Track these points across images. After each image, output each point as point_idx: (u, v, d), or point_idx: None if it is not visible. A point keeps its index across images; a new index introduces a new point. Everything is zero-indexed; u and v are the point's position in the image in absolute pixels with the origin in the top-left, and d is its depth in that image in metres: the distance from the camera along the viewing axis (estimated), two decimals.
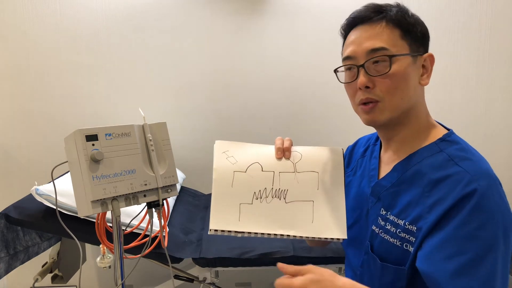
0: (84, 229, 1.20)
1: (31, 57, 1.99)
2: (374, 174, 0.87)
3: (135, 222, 0.96)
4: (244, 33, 2.03)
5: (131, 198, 0.73)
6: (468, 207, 0.66)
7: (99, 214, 0.83)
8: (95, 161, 0.68)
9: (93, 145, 0.69)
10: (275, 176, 0.85)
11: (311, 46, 2.03)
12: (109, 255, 1.43)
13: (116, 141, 0.71)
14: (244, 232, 0.80)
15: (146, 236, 0.94)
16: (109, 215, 0.75)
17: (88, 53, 2.01)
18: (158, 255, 1.33)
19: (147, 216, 0.80)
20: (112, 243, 0.79)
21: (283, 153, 0.87)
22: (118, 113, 2.06)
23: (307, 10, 2.01)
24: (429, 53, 0.79)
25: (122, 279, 0.79)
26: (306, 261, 1.43)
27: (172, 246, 1.43)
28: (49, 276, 1.47)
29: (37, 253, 1.53)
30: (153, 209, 0.78)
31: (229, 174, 0.85)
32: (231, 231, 0.80)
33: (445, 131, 0.81)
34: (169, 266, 0.86)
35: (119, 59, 2.02)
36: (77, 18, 1.97)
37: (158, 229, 0.81)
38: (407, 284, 0.75)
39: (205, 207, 1.89)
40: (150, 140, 0.76)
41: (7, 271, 1.39)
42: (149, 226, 0.81)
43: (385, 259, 0.78)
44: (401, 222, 0.75)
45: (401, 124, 0.80)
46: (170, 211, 1.60)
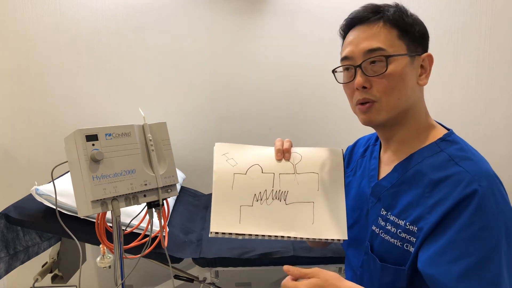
0: (84, 229, 1.20)
1: (31, 57, 1.99)
2: (374, 174, 0.87)
3: (135, 222, 0.96)
4: (244, 33, 2.03)
5: (131, 198, 0.73)
6: (469, 208, 0.66)
7: (99, 214, 0.83)
8: (95, 161, 0.68)
9: (93, 145, 0.69)
10: (275, 178, 0.85)
11: (311, 46, 2.03)
12: (109, 255, 1.43)
13: (116, 141, 0.71)
14: (245, 234, 0.80)
15: (146, 236, 0.94)
16: (109, 215, 0.75)
17: (88, 53, 2.00)
18: (158, 255, 1.33)
19: (147, 216, 0.80)
20: (112, 243, 0.79)
21: (283, 154, 0.87)
22: (118, 113, 2.06)
23: (307, 10, 2.01)
24: (428, 53, 0.79)
25: (122, 279, 0.79)
26: (306, 261, 1.44)
27: (172, 246, 1.43)
28: (49, 276, 1.47)
29: (37, 253, 1.53)
30: (153, 209, 0.78)
31: (229, 176, 0.85)
32: (232, 233, 0.80)
33: (445, 131, 0.81)
34: (169, 266, 0.86)
35: (119, 59, 2.02)
36: (77, 18, 1.97)
37: (158, 229, 0.81)
38: (407, 284, 0.74)
39: (205, 207, 1.89)
40: (150, 140, 0.76)
41: (7, 271, 1.39)
42: (149, 226, 0.81)
43: (385, 260, 0.77)
44: (402, 223, 0.75)
45: (399, 124, 0.80)
46: (170, 211, 1.60)
